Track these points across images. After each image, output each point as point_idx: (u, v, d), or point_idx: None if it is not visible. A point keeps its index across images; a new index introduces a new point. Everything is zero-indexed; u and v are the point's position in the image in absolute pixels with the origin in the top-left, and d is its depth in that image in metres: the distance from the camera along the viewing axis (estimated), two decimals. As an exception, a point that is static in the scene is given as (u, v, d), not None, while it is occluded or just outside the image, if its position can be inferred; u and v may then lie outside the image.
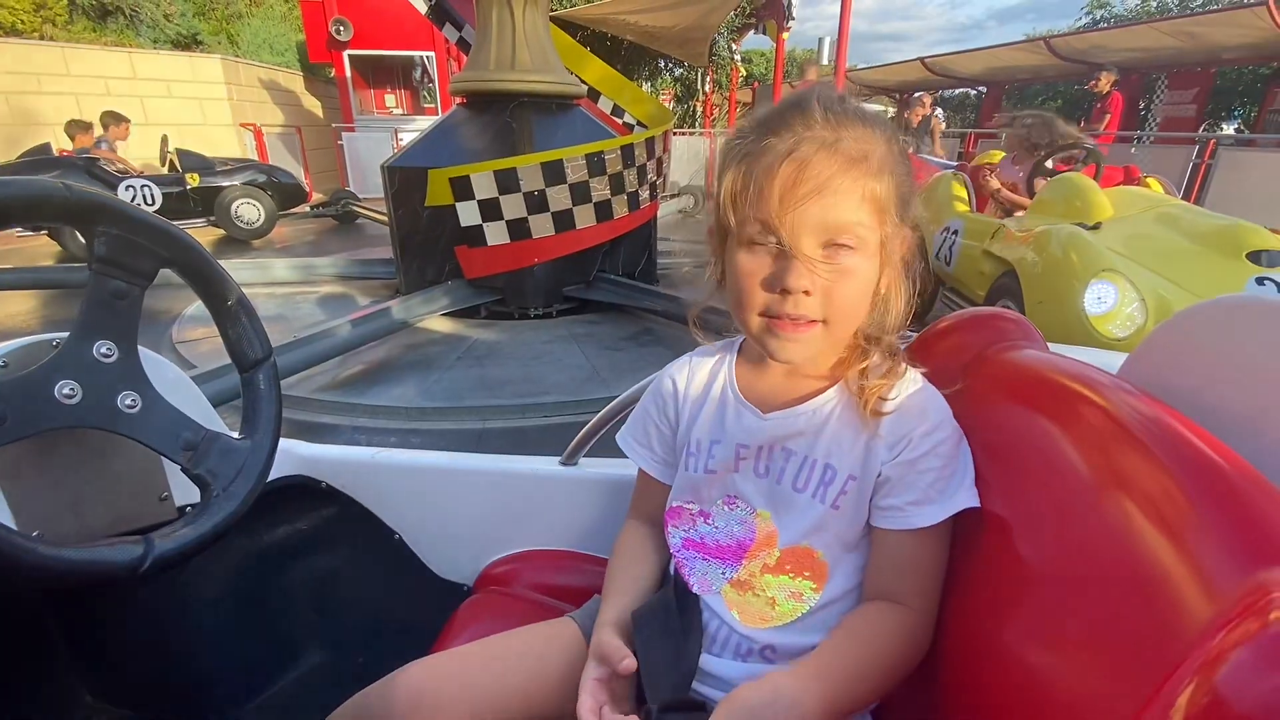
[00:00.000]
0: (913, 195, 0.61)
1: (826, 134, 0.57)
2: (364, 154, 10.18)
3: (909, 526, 0.60)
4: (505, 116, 3.86)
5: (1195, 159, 7.22)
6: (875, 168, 0.57)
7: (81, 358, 0.60)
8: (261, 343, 0.75)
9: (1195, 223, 2.72)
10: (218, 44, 13.62)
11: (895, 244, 0.60)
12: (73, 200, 0.58)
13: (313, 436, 2.75)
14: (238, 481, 0.69)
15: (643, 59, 11.69)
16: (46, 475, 0.68)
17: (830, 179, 0.56)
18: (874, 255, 0.59)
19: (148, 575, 0.58)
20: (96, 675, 1.02)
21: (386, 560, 1.04)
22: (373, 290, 4.72)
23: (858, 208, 0.57)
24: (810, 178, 0.56)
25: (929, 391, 0.64)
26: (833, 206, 0.56)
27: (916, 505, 0.60)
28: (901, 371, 0.63)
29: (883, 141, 0.58)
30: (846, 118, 0.58)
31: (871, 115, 0.60)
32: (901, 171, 0.59)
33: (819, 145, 0.56)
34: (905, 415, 0.61)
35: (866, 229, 0.58)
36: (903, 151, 0.60)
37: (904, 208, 0.60)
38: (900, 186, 0.59)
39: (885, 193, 0.58)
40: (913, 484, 0.60)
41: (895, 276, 0.62)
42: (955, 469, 0.60)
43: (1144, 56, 10.56)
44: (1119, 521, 0.45)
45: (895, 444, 0.61)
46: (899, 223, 0.60)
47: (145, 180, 6.22)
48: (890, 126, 0.60)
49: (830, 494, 0.63)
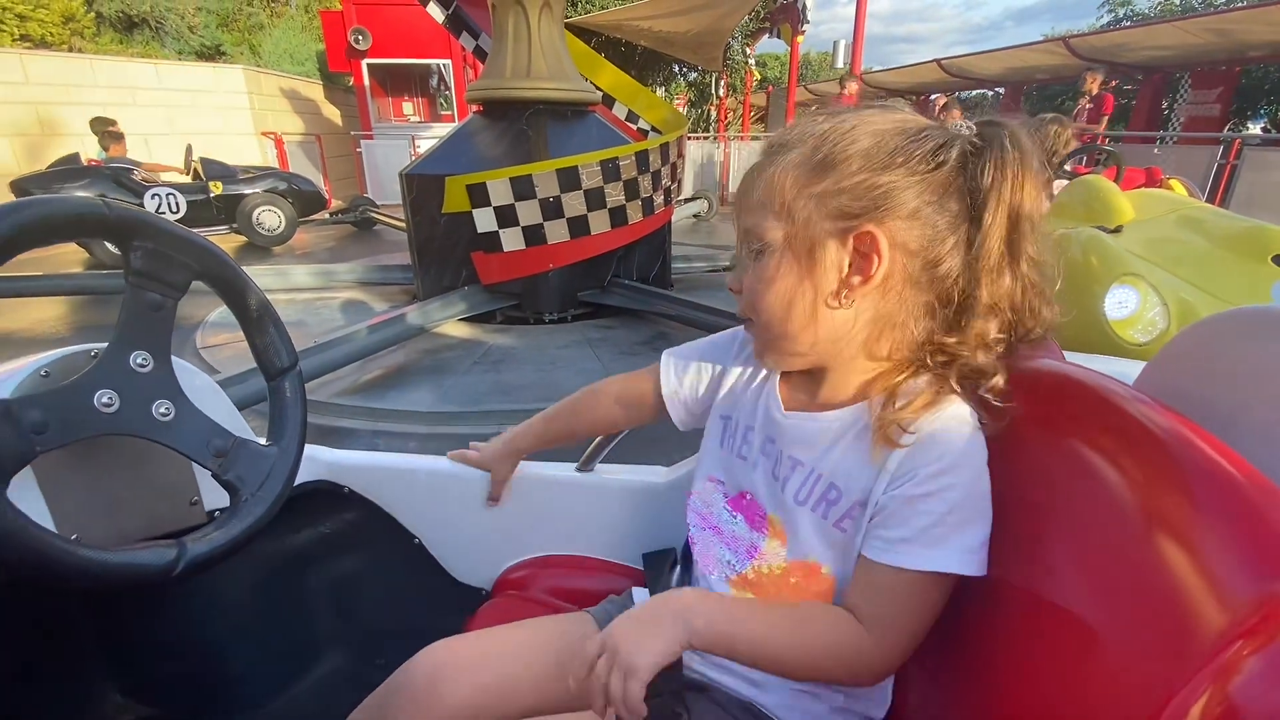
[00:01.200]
0: (876, 206, 0.53)
1: (772, 139, 0.60)
2: (382, 161, 10.32)
3: (890, 562, 0.55)
4: (521, 123, 3.90)
5: (1220, 159, 7.08)
6: (786, 164, 0.56)
7: (119, 368, 0.62)
8: (288, 351, 0.77)
9: (1219, 225, 2.68)
10: (240, 54, 13.91)
11: (822, 252, 0.55)
12: (111, 217, 0.60)
13: (332, 441, 2.79)
14: (266, 486, 0.71)
15: (657, 64, 11.73)
16: (84, 480, 0.70)
17: (747, 177, 0.59)
18: (786, 258, 0.57)
19: (180, 577, 0.60)
20: (125, 674, 1.05)
21: (407, 564, 1.06)
22: (391, 296, 4.78)
23: (761, 207, 0.58)
24: (742, 182, 0.61)
25: (962, 433, 0.55)
26: (746, 208, 0.60)
27: (905, 543, 0.55)
28: (942, 404, 0.56)
29: (809, 143, 0.56)
30: (803, 123, 0.58)
31: (831, 117, 0.57)
32: (844, 174, 0.54)
33: (763, 149, 0.60)
34: (919, 449, 0.55)
35: (769, 230, 0.57)
36: (856, 152, 0.54)
37: (838, 211, 0.54)
38: (834, 187, 0.54)
39: (789, 189, 0.56)
40: (905, 520, 0.55)
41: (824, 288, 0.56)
42: (962, 521, 0.54)
43: (1166, 55, 10.38)
44: (1132, 531, 0.45)
45: (899, 476, 0.56)
46: (831, 228, 0.55)
47: (170, 189, 6.36)
48: (835, 129, 0.56)
49: (833, 514, 0.60)
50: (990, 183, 0.53)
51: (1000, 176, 0.53)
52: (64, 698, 0.99)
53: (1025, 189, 0.53)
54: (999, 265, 0.54)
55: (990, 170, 0.53)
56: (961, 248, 0.55)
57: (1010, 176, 0.53)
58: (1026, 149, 0.53)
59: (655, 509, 0.97)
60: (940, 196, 0.54)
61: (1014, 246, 0.55)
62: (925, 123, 0.56)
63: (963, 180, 0.54)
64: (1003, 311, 0.56)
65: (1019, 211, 0.54)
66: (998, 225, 0.53)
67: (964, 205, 0.54)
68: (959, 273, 0.55)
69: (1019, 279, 0.56)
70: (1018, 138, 0.53)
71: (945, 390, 0.57)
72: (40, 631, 0.95)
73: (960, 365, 0.56)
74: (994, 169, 0.53)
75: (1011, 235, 0.54)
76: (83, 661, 1.02)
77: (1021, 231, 0.54)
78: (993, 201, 0.53)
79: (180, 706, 1.06)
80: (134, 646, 1.05)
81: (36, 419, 0.55)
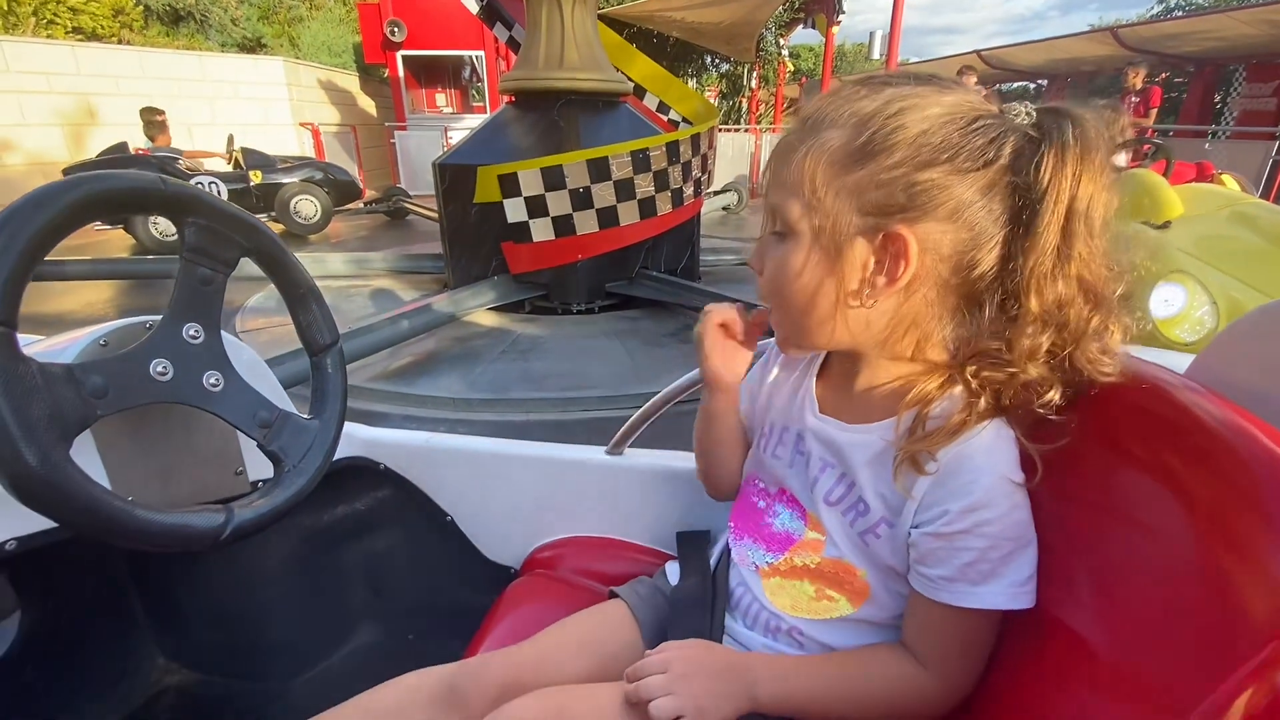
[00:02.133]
0: (920, 194, 0.49)
1: (808, 110, 0.55)
2: (415, 152, 10.46)
3: (938, 600, 0.54)
4: (553, 114, 3.91)
5: (1275, 155, 6.79)
6: (822, 146, 0.52)
7: (173, 338, 0.65)
8: (330, 329, 0.79)
9: (1274, 222, 2.57)
10: (280, 46, 14.21)
11: (849, 249, 0.52)
12: (169, 193, 0.62)
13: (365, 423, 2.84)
14: (307, 458, 0.73)
15: (689, 55, 11.65)
16: (137, 447, 0.73)
17: (782, 151, 0.56)
18: (810, 249, 0.53)
19: (227, 542, 0.62)
20: (170, 638, 1.09)
21: (438, 541, 1.09)
22: (422, 284, 4.85)
23: (789, 189, 0.54)
24: (776, 150, 0.57)
25: (993, 460, 0.52)
26: (776, 183, 0.56)
27: (949, 582, 0.53)
28: (972, 429, 0.52)
29: (849, 124, 0.51)
30: (844, 96, 0.53)
31: (868, 97, 0.51)
32: (881, 167, 0.49)
33: (800, 118, 0.56)
34: (947, 479, 0.52)
35: (795, 216, 0.54)
36: (900, 142, 0.49)
37: (871, 207, 0.50)
38: (870, 180, 0.50)
39: (821, 177, 0.52)
40: (945, 559, 0.52)
41: (850, 280, 0.53)
42: (1005, 555, 0.52)
43: (1220, 46, 9.96)
44: (1182, 518, 0.44)
45: (927, 506, 0.53)
46: (860, 224, 0.51)
47: (213, 177, 6.55)
48: (879, 110, 0.50)
49: (860, 524, 0.59)
50: (1048, 182, 0.47)
51: (1059, 175, 0.47)
52: (114, 657, 1.04)
53: (1083, 184, 0.47)
54: (1052, 271, 0.49)
55: (1048, 168, 0.47)
56: (1002, 251, 0.50)
57: (1070, 175, 0.47)
58: (1092, 140, 0.47)
59: (685, 493, 0.97)
60: (985, 196, 0.49)
61: (1068, 250, 0.49)
62: (980, 109, 0.50)
63: (1013, 177, 0.48)
64: (1056, 322, 0.50)
65: (1076, 210, 0.48)
66: (1053, 229, 0.48)
67: (1012, 205, 0.49)
68: (995, 277, 0.50)
69: (1074, 286, 0.50)
70: (1083, 128, 0.47)
71: (979, 411, 0.52)
72: (89, 597, 0.99)
73: (1008, 379, 0.51)
74: (1052, 166, 0.47)
75: (1068, 239, 0.48)
76: (131, 625, 1.06)
77: (1078, 232, 0.48)
78: (1048, 201, 0.47)
79: (221, 670, 1.10)
80: (178, 613, 1.09)
81: (98, 384, 0.57)
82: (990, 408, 0.53)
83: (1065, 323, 0.50)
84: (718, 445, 0.76)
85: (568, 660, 0.70)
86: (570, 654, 0.70)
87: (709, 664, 0.58)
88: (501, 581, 1.00)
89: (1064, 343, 0.51)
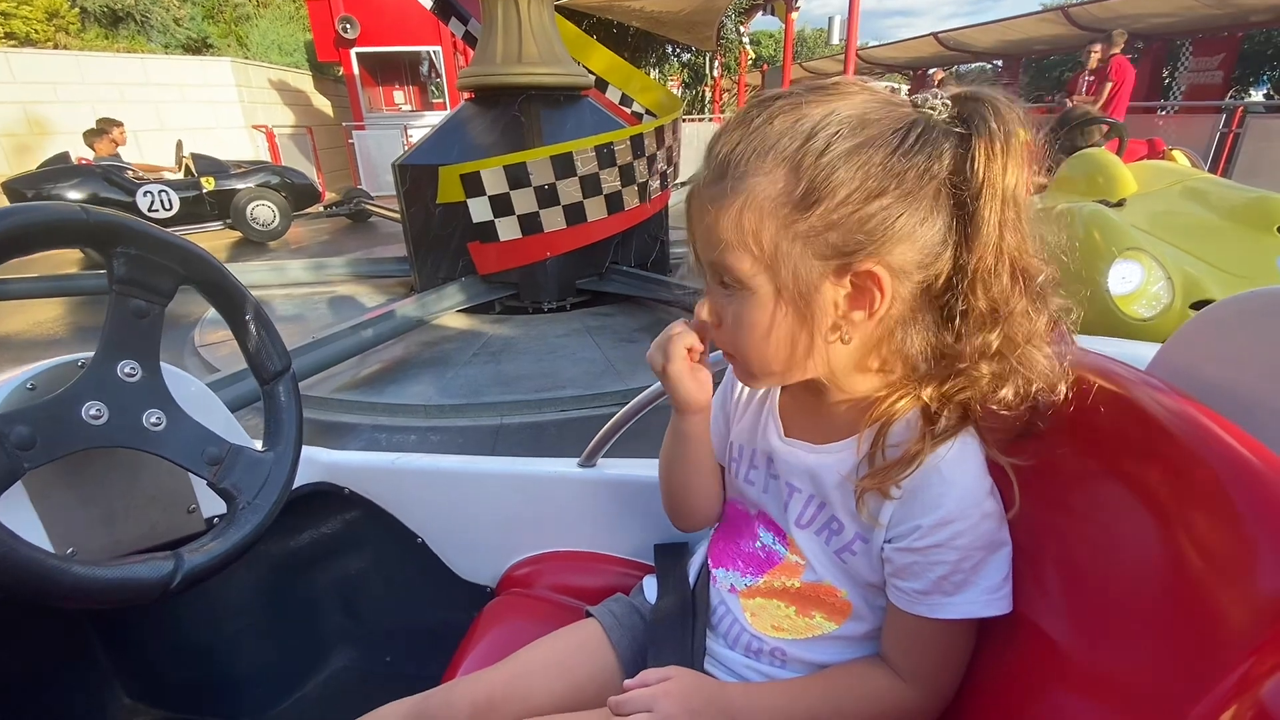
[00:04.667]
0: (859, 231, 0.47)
1: (723, 147, 0.50)
2: (375, 152, 10.23)
3: (913, 612, 0.54)
4: (514, 110, 3.85)
5: (1222, 128, 7.00)
6: (756, 196, 0.48)
7: (107, 378, 0.61)
8: (280, 355, 0.76)
9: (1224, 196, 2.65)
10: (227, 46, 13.72)
11: (817, 295, 0.49)
12: (91, 223, 0.58)
13: (333, 436, 2.79)
14: (263, 493, 0.70)
15: (650, 46, 11.59)
16: (77, 493, 0.69)
17: (703, 202, 0.51)
18: (774, 305, 0.50)
19: (178, 590, 0.59)
20: (133, 677, 1.05)
21: (410, 563, 1.06)
22: (388, 288, 4.75)
23: (731, 246, 0.49)
24: (695, 202, 0.52)
25: (956, 474, 0.51)
26: (709, 241, 0.51)
27: (924, 595, 0.53)
28: (929, 451, 0.51)
29: (778, 168, 0.48)
30: (753, 132, 0.49)
31: (787, 129, 0.48)
32: (830, 206, 0.47)
33: (709, 161, 0.51)
34: (913, 499, 0.52)
35: (748, 273, 0.50)
36: (840, 177, 0.46)
37: (830, 250, 0.48)
38: (822, 223, 0.47)
39: (768, 230, 0.48)
40: (919, 573, 0.53)
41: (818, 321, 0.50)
42: (978, 564, 0.52)
43: (1168, 22, 10.23)
44: (1151, 523, 0.44)
45: (896, 524, 0.53)
46: (823, 269, 0.49)
47: (162, 185, 6.31)
48: (802, 143, 0.47)
49: (835, 542, 0.59)
50: (983, 177, 0.46)
51: (991, 167, 0.46)
52: (75, 701, 0.99)
53: (1010, 172, 0.47)
54: (995, 267, 0.48)
55: (981, 163, 0.46)
56: (953, 254, 0.49)
57: (999, 166, 0.46)
58: (1009, 123, 0.47)
59: (659, 503, 0.96)
60: (934, 208, 0.48)
61: (1002, 241, 0.48)
62: (895, 113, 0.48)
63: (952, 178, 0.47)
64: (1004, 314, 0.49)
65: (1007, 198, 0.47)
66: (992, 223, 0.47)
67: (953, 207, 0.48)
68: (948, 281, 0.50)
69: (1018, 277, 0.49)
70: (999, 111, 0.47)
71: (937, 435, 0.51)
72: (48, 638, 0.95)
73: (968, 383, 0.51)
74: (984, 160, 0.46)
75: (1001, 230, 0.48)
76: (91, 665, 1.02)
77: (1009, 221, 0.48)
78: (986, 197, 0.47)
79: (190, 708, 1.06)
80: (142, 651, 1.05)
81: (23, 435, 0.54)
82: (955, 424, 0.52)
83: (1011, 314, 0.50)
84: (691, 471, 0.71)
85: (539, 685, 0.68)
86: (542, 678, 0.69)
87: (692, 702, 0.57)
88: (478, 600, 0.98)
89: (1014, 337, 0.50)
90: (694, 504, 0.74)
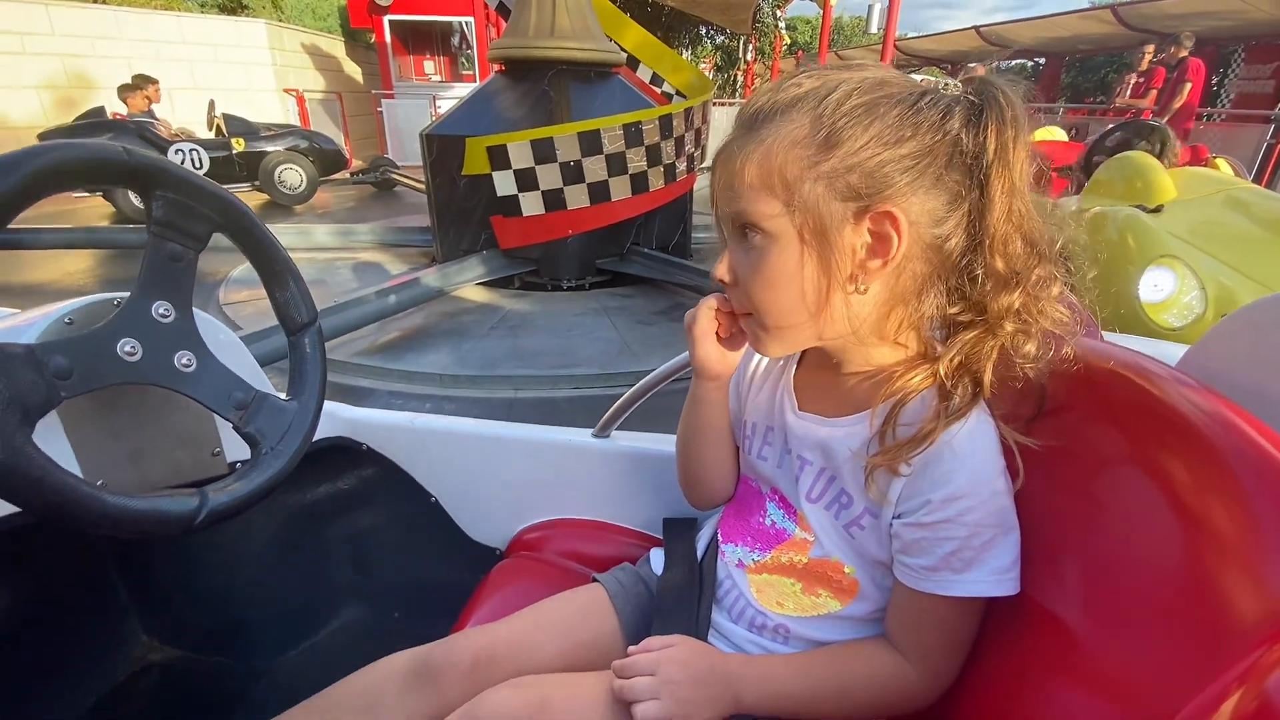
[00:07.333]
0: (897, 175, 0.49)
1: (752, 104, 0.53)
2: (403, 121, 10.23)
3: (920, 589, 0.54)
4: (543, 84, 3.82)
5: (1270, 139, 6.77)
6: (780, 139, 0.50)
7: (141, 317, 0.62)
8: (308, 307, 0.77)
9: (1267, 208, 2.57)
10: (262, 8, 13.71)
11: (838, 237, 0.50)
12: (131, 164, 0.59)
13: (350, 399, 2.80)
14: (285, 440, 0.71)
15: (684, 26, 11.42)
16: (108, 428, 0.71)
17: (730, 155, 0.53)
18: (795, 247, 0.52)
19: (201, 527, 0.61)
20: (151, 614, 1.09)
21: (423, 522, 1.08)
22: (410, 258, 4.78)
23: (755, 190, 0.52)
24: (721, 158, 0.54)
25: (968, 449, 0.52)
26: (734, 191, 0.53)
27: (932, 571, 0.53)
28: (943, 427, 0.51)
29: (801, 112, 0.50)
30: (780, 87, 0.52)
31: (812, 80, 0.51)
32: (851, 149, 0.49)
33: (739, 121, 0.54)
34: (925, 473, 0.53)
35: (770, 216, 0.51)
36: (861, 121, 0.49)
37: (850, 191, 0.49)
38: (843, 164, 0.49)
39: (791, 169, 0.50)
40: (928, 549, 0.53)
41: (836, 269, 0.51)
42: (987, 542, 0.52)
43: (1223, 26, 9.85)
44: (1170, 514, 0.44)
45: (907, 499, 0.54)
46: (843, 210, 0.50)
47: (194, 144, 6.38)
48: (828, 90, 0.50)
49: (845, 516, 0.60)
50: (996, 144, 0.49)
51: (1003, 136, 0.49)
52: (96, 634, 1.03)
53: (1018, 147, 0.49)
54: (1009, 232, 0.50)
55: (993, 131, 0.49)
56: (967, 217, 0.51)
57: (1011, 136, 0.49)
58: (1019, 106, 0.49)
59: (672, 477, 0.96)
60: (948, 165, 0.50)
61: (1016, 205, 0.50)
62: (912, 84, 0.52)
63: (966, 141, 0.49)
64: (1020, 277, 0.51)
65: (1020, 170, 0.50)
66: (1005, 189, 0.49)
67: (967, 171, 0.50)
68: (964, 244, 0.51)
69: (1031, 241, 0.51)
70: (1007, 94, 0.49)
71: (951, 413, 0.52)
72: (71, 574, 0.98)
73: (988, 339, 0.52)
74: (997, 129, 0.49)
75: (1013, 196, 0.50)
76: (112, 603, 1.05)
77: (1018, 190, 0.50)
78: (999, 164, 0.49)
79: (205, 649, 1.10)
80: (160, 591, 1.08)
81: (61, 365, 0.55)
82: (968, 399, 0.53)
83: (1029, 276, 0.51)
84: (704, 439, 0.73)
85: (543, 643, 0.70)
86: (545, 637, 0.70)
87: (696, 668, 0.58)
88: (487, 562, 1.00)
89: (1035, 296, 0.52)
90: (707, 475, 0.75)
